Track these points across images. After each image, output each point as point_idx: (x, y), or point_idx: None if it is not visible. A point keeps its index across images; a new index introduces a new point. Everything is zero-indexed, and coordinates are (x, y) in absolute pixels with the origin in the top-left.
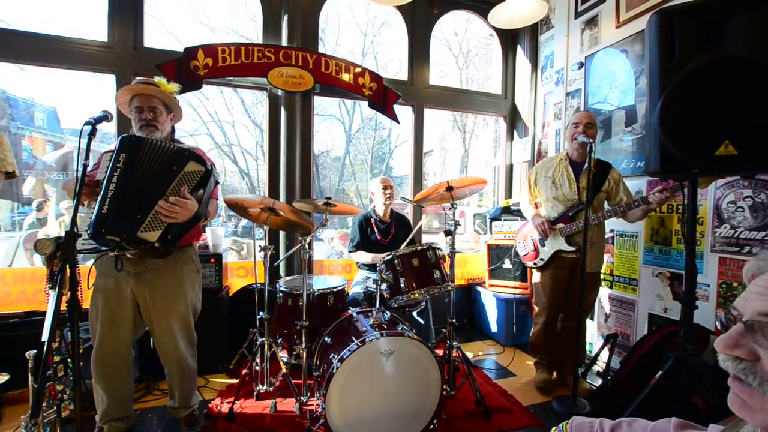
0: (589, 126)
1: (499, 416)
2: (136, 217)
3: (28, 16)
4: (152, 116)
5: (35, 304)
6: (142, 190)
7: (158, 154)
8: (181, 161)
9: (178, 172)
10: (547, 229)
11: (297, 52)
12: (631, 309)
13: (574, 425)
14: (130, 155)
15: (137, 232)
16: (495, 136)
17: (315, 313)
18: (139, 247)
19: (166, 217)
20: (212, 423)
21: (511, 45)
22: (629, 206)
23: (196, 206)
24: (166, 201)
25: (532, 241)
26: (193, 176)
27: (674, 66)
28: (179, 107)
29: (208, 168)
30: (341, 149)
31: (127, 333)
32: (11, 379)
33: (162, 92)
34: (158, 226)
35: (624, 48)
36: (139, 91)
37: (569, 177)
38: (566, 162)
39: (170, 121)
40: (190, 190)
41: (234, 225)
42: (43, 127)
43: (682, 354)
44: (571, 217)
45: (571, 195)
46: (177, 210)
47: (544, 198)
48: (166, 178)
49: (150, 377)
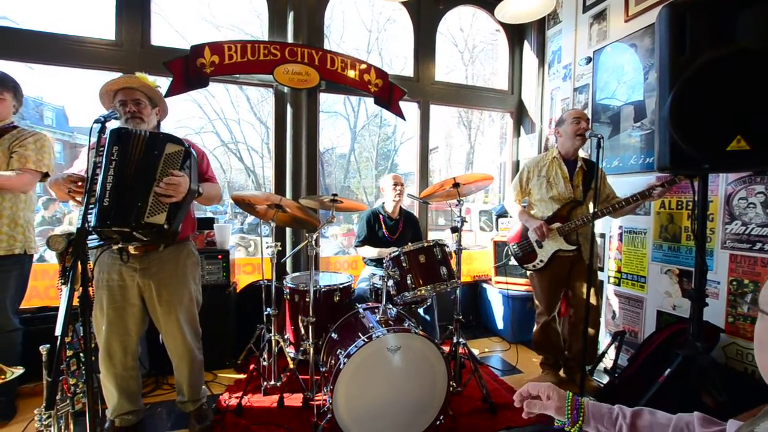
0: (587, 121)
1: (505, 413)
2: (138, 205)
3: (37, 15)
4: (137, 108)
5: (47, 300)
6: (136, 179)
7: (141, 142)
8: (159, 145)
9: (161, 155)
10: (545, 232)
11: (303, 49)
12: (639, 306)
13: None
14: (122, 147)
15: (145, 218)
16: (501, 133)
17: (321, 309)
18: (150, 231)
19: (165, 197)
20: (221, 417)
21: (517, 40)
22: (627, 201)
23: (188, 182)
24: (159, 184)
25: (528, 243)
26: (176, 156)
27: (685, 60)
28: (164, 101)
29: (186, 146)
30: (346, 146)
31: (135, 327)
32: (24, 373)
33: (145, 85)
34: (162, 209)
35: (633, 42)
36: (122, 84)
37: (564, 175)
38: (559, 160)
39: (155, 115)
40: (178, 169)
41: (240, 222)
42: (52, 126)
43: (691, 352)
44: (566, 216)
45: (566, 193)
46: (173, 189)
47: (538, 198)
48: (152, 164)
49: (159, 372)
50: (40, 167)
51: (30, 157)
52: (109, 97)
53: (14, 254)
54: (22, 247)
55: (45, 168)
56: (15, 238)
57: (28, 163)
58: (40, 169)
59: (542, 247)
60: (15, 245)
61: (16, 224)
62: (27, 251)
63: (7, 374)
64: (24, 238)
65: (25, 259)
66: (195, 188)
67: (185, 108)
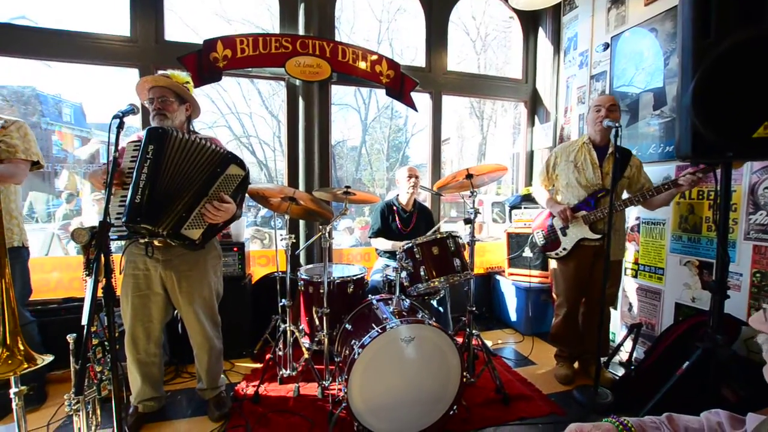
0: (613, 109)
1: (519, 404)
2: (182, 215)
3: (53, 13)
4: (162, 105)
5: (72, 291)
6: (183, 187)
7: (193, 150)
8: (224, 164)
9: (221, 173)
10: (569, 216)
11: (314, 41)
12: (657, 298)
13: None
14: (157, 147)
15: (181, 229)
16: (514, 123)
17: (335, 300)
18: (179, 241)
19: (209, 217)
20: (238, 404)
21: (532, 27)
22: (658, 190)
23: (235, 209)
24: (210, 202)
25: (552, 230)
26: (234, 179)
27: (709, 44)
28: (193, 98)
29: (247, 171)
30: (357, 139)
31: (158, 316)
32: (53, 360)
33: (172, 83)
34: (200, 225)
35: (653, 27)
36: (152, 82)
37: (593, 161)
38: (589, 145)
39: (185, 112)
40: (231, 192)
41: (254, 215)
42: (70, 122)
43: (711, 345)
44: (593, 204)
45: (594, 180)
46: (221, 214)
47: (564, 183)
48: (209, 180)
49: (179, 361)
50: (29, 156)
51: (18, 146)
52: (144, 92)
53: (13, 247)
54: (19, 240)
55: (34, 156)
56: (12, 231)
57: (17, 153)
58: (29, 158)
59: (566, 235)
60: (12, 238)
61: (11, 216)
62: (24, 243)
63: (38, 361)
64: (20, 230)
65: (23, 251)
66: (239, 214)
67: (198, 102)
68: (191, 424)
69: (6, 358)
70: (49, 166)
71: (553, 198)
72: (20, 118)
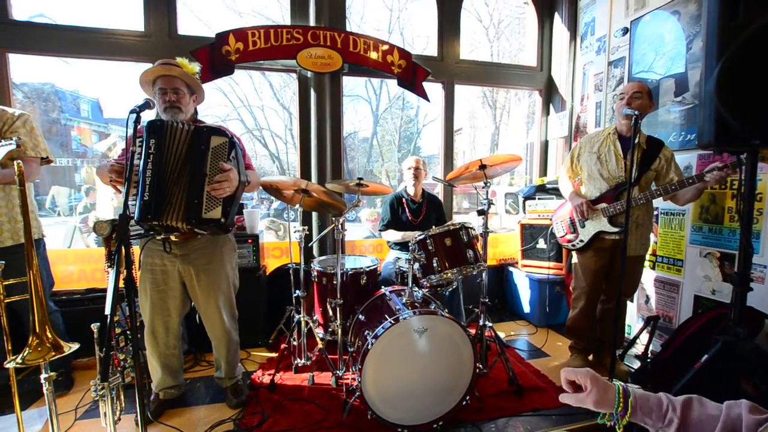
0: (637, 96)
1: (532, 395)
2: (194, 203)
3: (69, 11)
4: (176, 98)
5: (94, 282)
6: (183, 175)
7: (182, 136)
8: (204, 139)
9: (207, 149)
10: (585, 211)
11: (325, 32)
12: (675, 291)
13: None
14: (158, 140)
15: (203, 214)
16: (528, 112)
17: (348, 291)
18: (208, 226)
19: (219, 192)
20: (255, 392)
21: (547, 12)
22: (681, 184)
23: (237, 175)
24: (211, 179)
25: (571, 222)
26: (221, 148)
27: (737, 26)
28: (201, 88)
29: (229, 137)
30: (369, 130)
31: (176, 309)
32: (78, 348)
33: (185, 73)
34: (216, 203)
35: (676, 9)
36: (162, 72)
37: (617, 153)
38: (614, 136)
39: (193, 103)
40: (225, 161)
41: (267, 207)
42: (88, 118)
43: (732, 338)
44: (615, 197)
45: (617, 172)
46: (226, 184)
47: (587, 175)
48: (200, 160)
49: (198, 350)
50: (39, 153)
51: (26, 143)
52: (149, 85)
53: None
54: (37, 233)
55: (43, 152)
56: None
57: (26, 150)
58: (39, 154)
59: (584, 226)
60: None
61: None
62: (41, 237)
63: (65, 349)
64: (37, 223)
65: (40, 243)
66: (244, 180)
67: (211, 96)
68: (210, 410)
69: (36, 346)
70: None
71: (576, 191)
72: (42, 114)
